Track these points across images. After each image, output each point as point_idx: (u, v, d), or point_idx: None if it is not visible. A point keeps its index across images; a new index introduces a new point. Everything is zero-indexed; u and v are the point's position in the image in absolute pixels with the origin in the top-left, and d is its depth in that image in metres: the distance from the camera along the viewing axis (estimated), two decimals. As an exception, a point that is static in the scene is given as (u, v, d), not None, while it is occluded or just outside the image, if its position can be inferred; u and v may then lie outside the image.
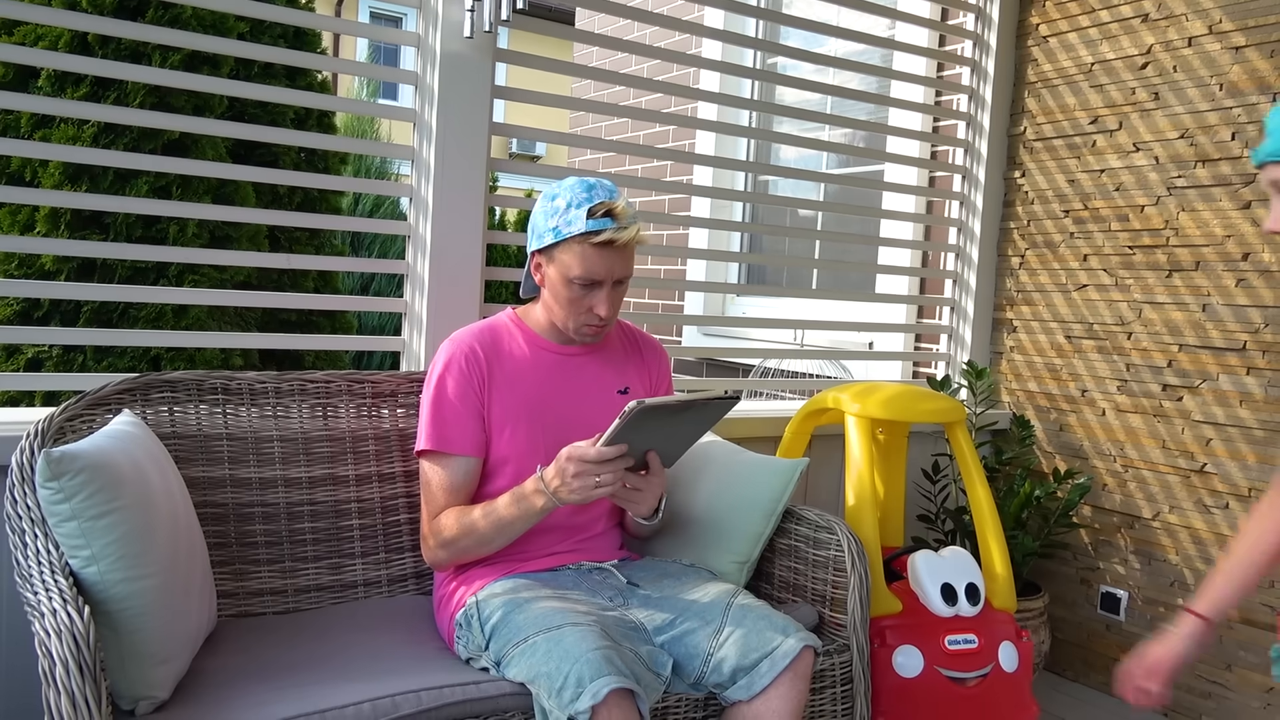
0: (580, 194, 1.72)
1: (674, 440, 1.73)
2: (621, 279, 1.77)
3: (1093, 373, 2.95)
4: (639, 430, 1.59)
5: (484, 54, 2.27)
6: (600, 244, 1.70)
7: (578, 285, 1.74)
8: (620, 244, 1.71)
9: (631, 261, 1.77)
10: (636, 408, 1.52)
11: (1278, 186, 1.34)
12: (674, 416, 1.63)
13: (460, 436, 1.77)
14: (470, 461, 1.79)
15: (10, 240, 2.02)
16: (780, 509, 1.94)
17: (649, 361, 1.98)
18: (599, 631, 1.49)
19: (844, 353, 3.24)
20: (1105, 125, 2.93)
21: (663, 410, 1.57)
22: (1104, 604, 2.89)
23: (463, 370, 1.78)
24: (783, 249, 4.34)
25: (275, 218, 2.30)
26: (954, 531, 2.84)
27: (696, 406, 1.64)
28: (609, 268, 1.73)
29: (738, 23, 4.31)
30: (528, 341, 1.86)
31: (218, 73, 3.57)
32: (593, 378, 1.88)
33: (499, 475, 1.80)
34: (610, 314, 1.77)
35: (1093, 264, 2.96)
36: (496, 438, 1.80)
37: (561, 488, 1.61)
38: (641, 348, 1.99)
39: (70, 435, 1.62)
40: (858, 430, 2.29)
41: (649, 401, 1.53)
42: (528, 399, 1.81)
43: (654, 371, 1.98)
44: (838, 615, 1.87)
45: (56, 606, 1.21)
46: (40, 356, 3.18)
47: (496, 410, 1.79)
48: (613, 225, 1.70)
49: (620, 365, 1.93)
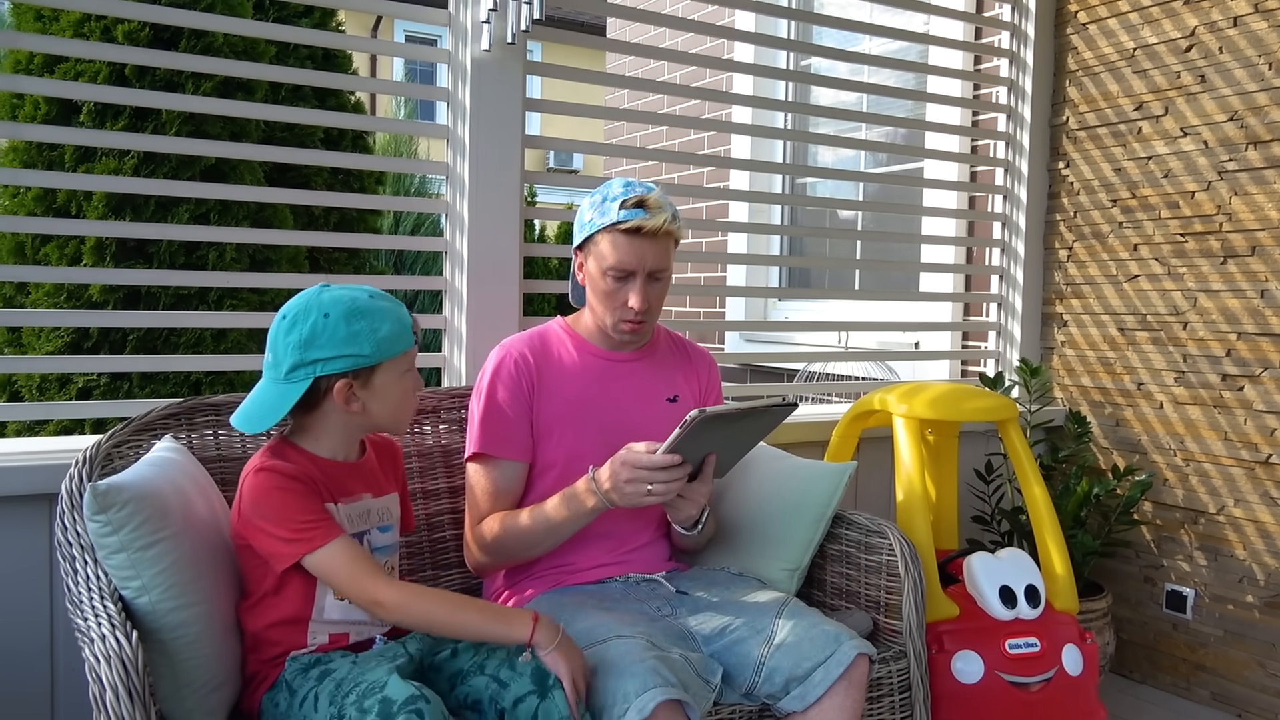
0: (618, 189, 1.75)
1: (730, 449, 1.71)
2: (656, 272, 1.75)
3: (1148, 365, 2.87)
4: (698, 439, 1.57)
5: (513, 67, 2.27)
6: (629, 231, 1.71)
7: (611, 277, 1.74)
8: (648, 231, 1.71)
9: (666, 255, 1.76)
10: (698, 417, 1.50)
11: None
12: (732, 425, 1.61)
13: (508, 441, 1.77)
14: (517, 466, 1.78)
15: (52, 271, 2.06)
16: (830, 514, 1.91)
17: (699, 370, 1.96)
18: (644, 643, 1.47)
19: (890, 354, 3.19)
20: (1150, 111, 2.85)
21: (722, 419, 1.56)
22: (1170, 602, 2.80)
23: (512, 375, 1.78)
24: (823, 251, 4.29)
25: (314, 239, 2.31)
26: (1010, 532, 2.78)
27: (755, 413, 1.62)
28: (640, 257, 1.72)
29: (770, 25, 4.28)
30: (577, 348, 1.86)
31: (252, 98, 3.61)
32: (641, 384, 1.87)
33: (543, 480, 1.79)
34: (644, 307, 1.75)
35: (1143, 254, 2.88)
36: (543, 442, 1.79)
37: (613, 490, 1.60)
38: (691, 356, 1.97)
39: (118, 461, 1.63)
40: (906, 431, 2.25)
41: (710, 410, 1.51)
42: (575, 404, 1.80)
43: (703, 380, 1.96)
44: (893, 621, 1.83)
45: (105, 632, 1.21)
46: (90, 385, 3.24)
47: (544, 415, 1.79)
48: (643, 214, 1.70)
49: (669, 374, 1.91)
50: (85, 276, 2.14)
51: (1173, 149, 2.80)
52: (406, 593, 1.39)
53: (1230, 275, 2.66)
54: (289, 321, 1.44)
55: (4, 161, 3.56)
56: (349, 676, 1.34)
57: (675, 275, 5.04)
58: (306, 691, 1.37)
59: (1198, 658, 2.74)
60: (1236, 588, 2.66)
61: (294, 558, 1.39)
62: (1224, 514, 2.68)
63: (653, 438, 1.80)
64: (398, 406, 1.51)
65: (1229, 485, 2.67)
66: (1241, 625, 2.64)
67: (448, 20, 2.26)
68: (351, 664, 1.39)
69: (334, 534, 1.40)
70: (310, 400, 1.45)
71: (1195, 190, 2.74)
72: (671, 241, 1.77)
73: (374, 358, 1.44)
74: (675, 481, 1.59)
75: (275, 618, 1.45)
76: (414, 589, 1.41)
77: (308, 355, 1.41)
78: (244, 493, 1.42)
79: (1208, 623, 2.72)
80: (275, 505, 1.39)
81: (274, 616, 1.45)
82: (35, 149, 3.41)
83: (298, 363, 1.42)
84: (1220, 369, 2.69)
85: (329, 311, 1.42)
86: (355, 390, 1.45)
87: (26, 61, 3.44)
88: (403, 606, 1.38)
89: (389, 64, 12.55)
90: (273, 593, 1.44)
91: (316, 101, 4.04)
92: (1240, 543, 2.65)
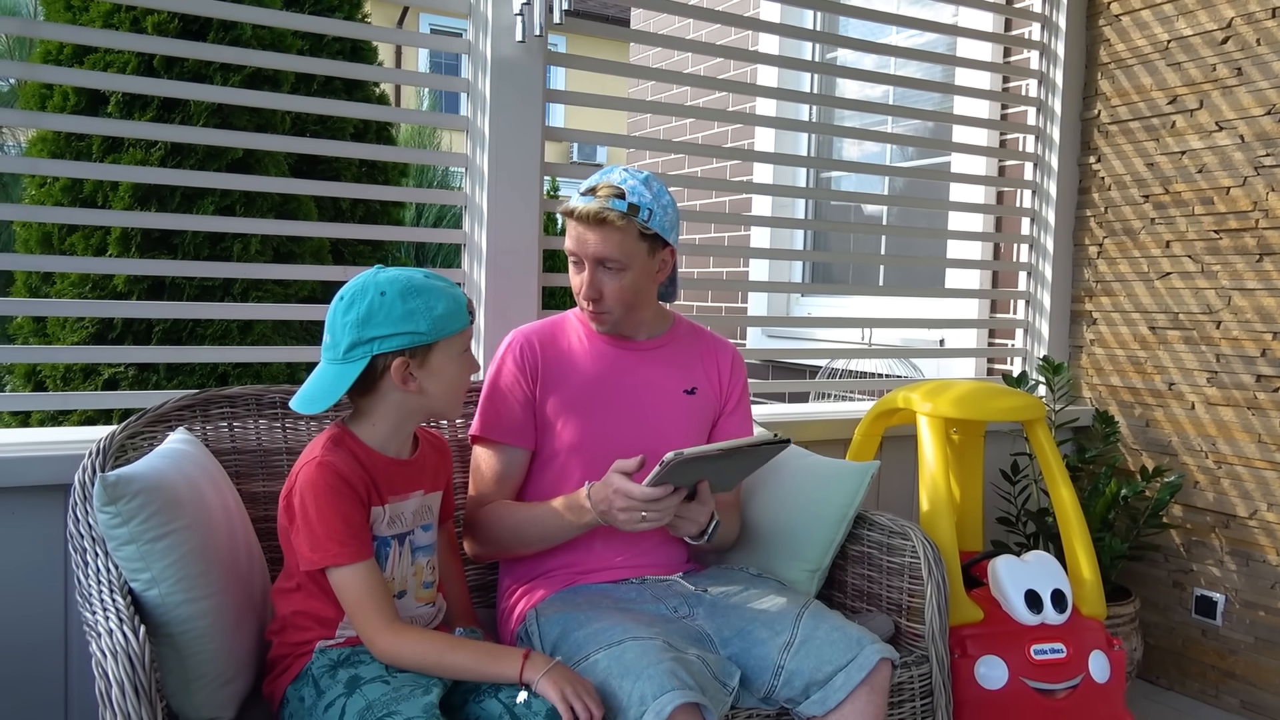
0: (593, 178, 1.72)
1: (725, 475, 1.68)
2: (604, 260, 1.68)
3: (1179, 365, 2.81)
4: (683, 473, 1.54)
5: (534, 58, 2.24)
6: (566, 214, 1.70)
7: (571, 261, 1.74)
8: (579, 215, 1.67)
9: (610, 244, 1.66)
10: (673, 460, 1.47)
11: None
12: (718, 460, 1.58)
13: (507, 426, 1.75)
14: (516, 453, 1.76)
15: (72, 260, 2.06)
16: (852, 514, 1.87)
17: (720, 361, 1.91)
18: (661, 644, 1.44)
19: (914, 351, 3.15)
20: (1184, 105, 2.79)
21: (703, 459, 1.53)
22: (1199, 608, 2.75)
23: (516, 361, 1.77)
24: (847, 246, 4.24)
25: (333, 230, 2.31)
26: (1036, 534, 2.73)
27: (742, 452, 1.59)
28: (580, 242, 1.69)
29: (795, 15, 4.23)
30: (588, 336, 1.83)
31: (279, 92, 3.61)
32: (656, 376, 1.83)
33: (549, 469, 1.77)
34: (593, 295, 1.71)
35: (1176, 250, 2.82)
36: (548, 431, 1.77)
37: (607, 514, 1.58)
38: (713, 348, 1.92)
39: (131, 453, 1.62)
40: (930, 430, 2.21)
41: (687, 453, 1.48)
42: (582, 393, 1.77)
43: (724, 371, 1.91)
44: (915, 625, 1.79)
45: (113, 627, 1.20)
46: (116, 376, 3.25)
47: (550, 403, 1.76)
48: (582, 199, 1.68)
49: (688, 365, 1.87)
50: (107, 266, 2.14)
51: (1207, 143, 2.73)
52: (401, 640, 1.38)
53: (1266, 273, 2.60)
54: (346, 302, 1.44)
55: (32, 151, 3.58)
56: (379, 700, 1.32)
57: (696, 270, 5.02)
58: (334, 698, 1.36)
59: (1227, 665, 2.68)
60: (1269, 594, 2.60)
61: (316, 565, 1.39)
62: (1256, 518, 2.62)
63: (668, 431, 1.77)
64: (453, 387, 1.51)
65: (1262, 489, 2.61)
66: (1273, 632, 2.58)
67: (468, 8, 2.24)
68: (384, 680, 1.36)
69: (361, 556, 1.39)
70: (368, 382, 1.45)
71: (1230, 186, 2.68)
72: (614, 231, 1.65)
73: (430, 335, 1.44)
74: (669, 510, 1.57)
75: (309, 605, 1.45)
76: (409, 636, 1.39)
77: (365, 333, 1.41)
78: (298, 479, 1.42)
79: (1238, 629, 2.66)
80: (321, 505, 1.39)
81: (308, 604, 1.45)
82: (64, 139, 3.43)
83: (355, 341, 1.42)
84: (1255, 369, 2.62)
85: (385, 289, 1.42)
86: (412, 369, 1.45)
87: (56, 53, 3.46)
88: (392, 652, 1.37)
89: (415, 58, 12.58)
90: (310, 580, 1.44)
91: (346, 95, 4.04)
92: (1273, 548, 2.59)
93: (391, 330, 1.42)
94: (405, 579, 1.52)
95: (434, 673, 1.38)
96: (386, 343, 1.42)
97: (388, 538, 1.48)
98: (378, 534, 1.47)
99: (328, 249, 3.89)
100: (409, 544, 1.52)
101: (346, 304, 1.44)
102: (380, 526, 1.47)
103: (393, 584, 1.49)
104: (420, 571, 1.55)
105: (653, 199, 1.69)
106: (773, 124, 2.73)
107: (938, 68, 3.61)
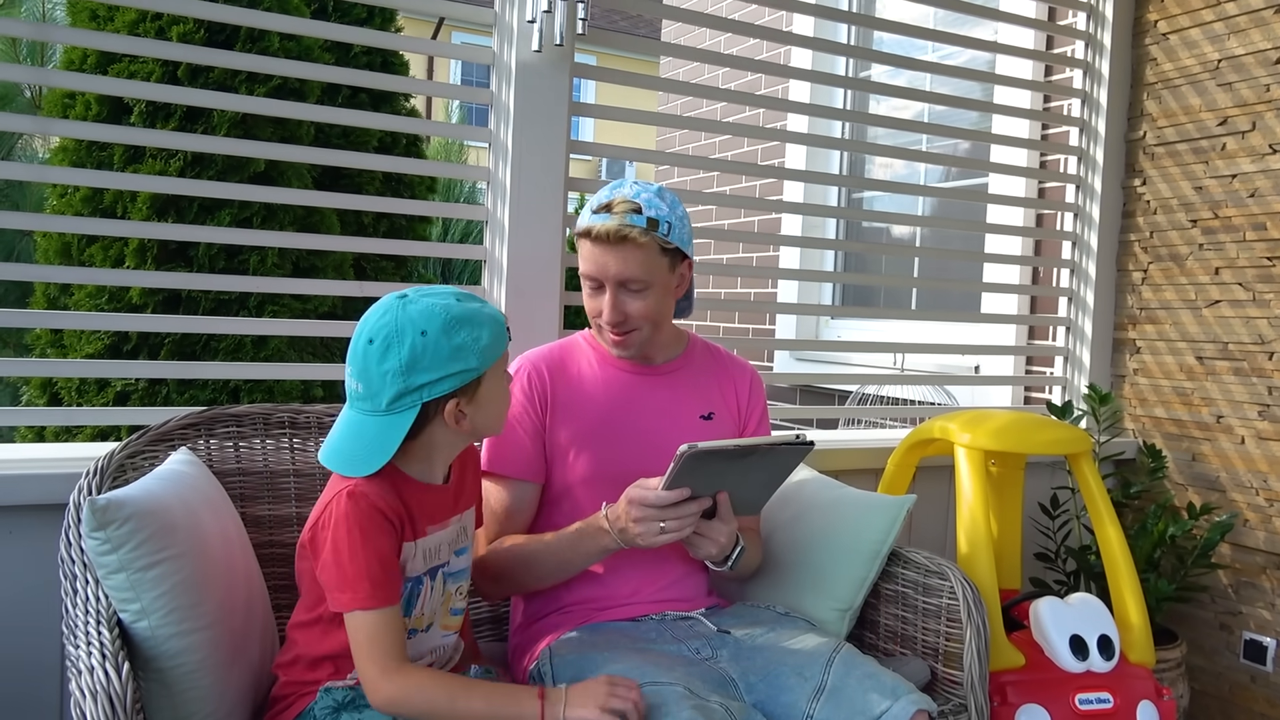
0: (603, 194, 1.63)
1: (747, 486, 1.57)
2: (626, 282, 1.60)
3: (1228, 397, 2.68)
4: (700, 474, 1.45)
5: (559, 70, 2.17)
6: (583, 235, 1.61)
7: (587, 285, 1.65)
8: (598, 235, 1.57)
9: (632, 264, 1.58)
10: (687, 451, 1.39)
11: None
12: (738, 462, 1.48)
13: (516, 459, 1.66)
14: (527, 487, 1.67)
15: (93, 273, 2.00)
16: (886, 551, 1.77)
17: (737, 383, 1.82)
18: (682, 690, 1.35)
19: (948, 377, 3.04)
20: (1235, 126, 2.68)
21: (719, 455, 1.43)
22: (1248, 652, 2.61)
23: (524, 390, 1.68)
24: (880, 268, 4.14)
25: (353, 244, 2.24)
26: (1077, 572, 2.60)
27: (760, 452, 1.49)
28: (600, 264, 1.59)
29: (829, 29, 4.15)
30: (600, 361, 1.74)
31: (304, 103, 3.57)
32: (670, 400, 1.74)
33: (563, 502, 1.68)
34: (617, 319, 1.62)
35: (1225, 278, 2.70)
36: (559, 463, 1.67)
37: (625, 530, 1.49)
38: (729, 369, 1.83)
39: (132, 473, 1.55)
40: (969, 463, 2.10)
41: (701, 446, 1.39)
42: (595, 421, 1.68)
43: (742, 394, 1.82)
44: (953, 671, 1.68)
45: (94, 664, 1.12)
46: (127, 390, 3.20)
47: (561, 433, 1.67)
48: (598, 217, 1.58)
49: (703, 388, 1.78)
50: (119, 279, 2.09)
51: (1260, 166, 2.62)
52: (409, 683, 1.25)
53: (1323, 303, 2.48)
54: (380, 346, 1.28)
55: (54, 160, 3.56)
56: None
57: (724, 291, 4.93)
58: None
59: (1277, 713, 2.54)
60: (1324, 640, 2.46)
61: (346, 607, 1.27)
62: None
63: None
64: (501, 410, 1.42)
65: (1318, 529, 2.48)
66: (1329, 681, 2.45)
67: (493, 19, 2.18)
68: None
69: (389, 601, 1.28)
70: (415, 426, 1.32)
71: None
72: (636, 249, 1.57)
73: (480, 369, 1.33)
74: (688, 518, 1.47)
75: (329, 644, 1.34)
76: (415, 681, 1.26)
77: (412, 381, 1.28)
78: (330, 509, 1.30)
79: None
80: (354, 542, 1.27)
81: (327, 644, 1.34)
82: (85, 149, 3.40)
83: (402, 391, 1.28)
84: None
85: (425, 328, 1.28)
86: (463, 406, 1.34)
87: (80, 62, 3.43)
88: (399, 698, 1.25)
89: (446, 72, 12.62)
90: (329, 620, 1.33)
91: (373, 109, 4.00)
92: (1329, 592, 2.46)
93: (441, 373, 1.29)
94: (434, 612, 1.41)
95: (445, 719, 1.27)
96: (436, 388, 1.29)
97: (420, 576, 1.37)
98: (409, 574, 1.34)
99: (350, 263, 3.84)
100: (440, 575, 1.41)
101: (381, 349, 1.28)
102: (415, 565, 1.35)
103: (421, 619, 1.38)
104: (449, 599, 1.43)
105: (669, 211, 1.61)
106: (805, 140, 2.65)
107: (976, 85, 3.52)
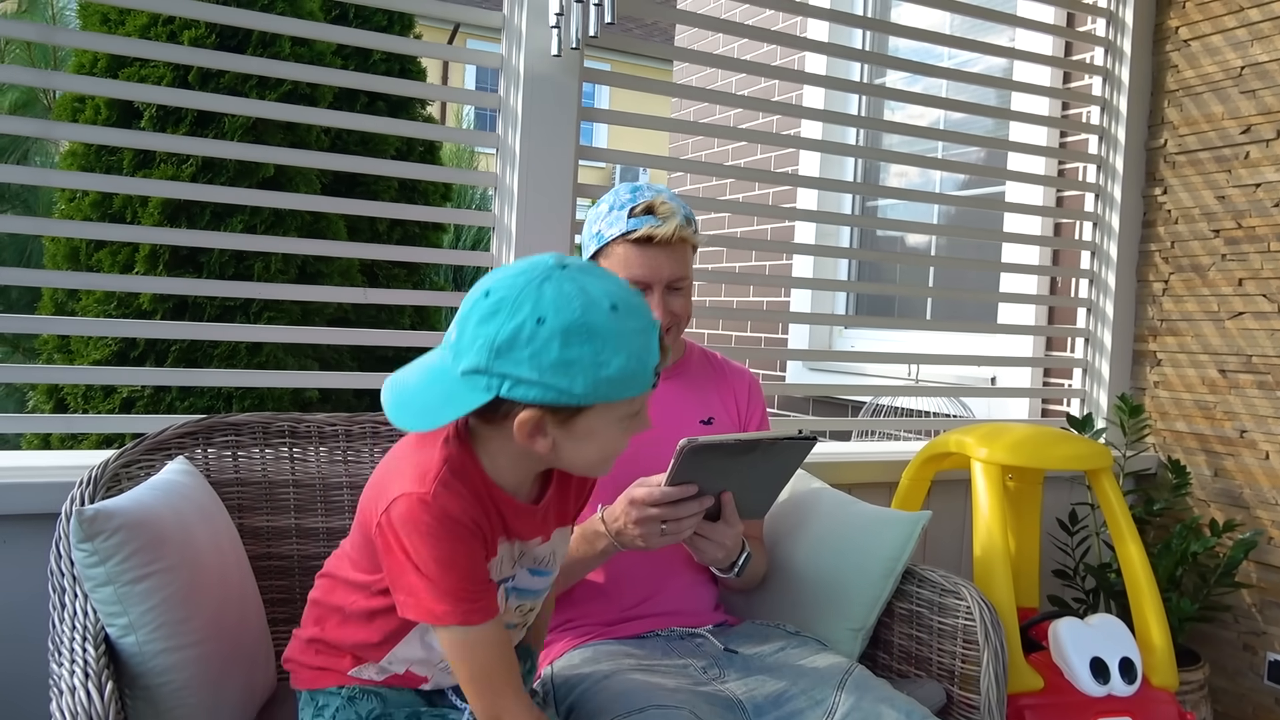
0: (624, 196, 1.62)
1: (752, 485, 1.53)
2: (674, 282, 1.62)
3: (1252, 411, 2.62)
4: (702, 471, 1.41)
5: (569, 74, 2.14)
6: (639, 241, 1.58)
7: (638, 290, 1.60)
8: (660, 239, 1.58)
9: (683, 263, 1.63)
10: (687, 445, 1.35)
11: None
12: (741, 458, 1.44)
13: None
14: None
15: (100, 278, 1.98)
16: (900, 568, 1.72)
17: (736, 387, 1.80)
18: (687, 714, 1.30)
19: (964, 389, 2.98)
20: (1259, 134, 2.62)
21: (721, 450, 1.39)
22: (1272, 674, 2.54)
23: None
24: (895, 277, 4.08)
25: (359, 250, 2.22)
26: (1096, 590, 2.54)
27: (763, 447, 1.45)
28: (654, 268, 1.59)
29: (844, 35, 4.10)
30: None
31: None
32: (670, 406, 1.69)
33: None
34: (673, 319, 1.64)
35: (1249, 289, 2.64)
36: None
37: (624, 533, 1.45)
38: (727, 375, 1.81)
39: (126, 483, 1.52)
40: (986, 478, 2.04)
41: (701, 440, 1.36)
42: None
43: (741, 398, 1.79)
44: (969, 694, 1.63)
45: (76, 684, 1.08)
46: (133, 396, 3.17)
47: None
48: (653, 221, 1.58)
49: (702, 393, 1.76)
50: (124, 284, 2.08)
51: (1286, 176, 2.56)
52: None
53: (1351, 316, 2.41)
54: (490, 304, 1.06)
55: (64, 164, 3.55)
56: None
57: (735, 299, 4.88)
58: None
59: (1304, 737, 2.47)
60: (1352, 663, 2.39)
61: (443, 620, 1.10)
62: (1339, 580, 2.42)
63: None
64: (600, 456, 1.15)
65: (1345, 548, 2.41)
66: (1357, 705, 2.37)
67: (502, 22, 2.14)
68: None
69: (489, 615, 1.12)
70: (489, 411, 1.09)
71: (1312, 221, 2.50)
72: (688, 249, 1.64)
73: (585, 399, 1.07)
74: (690, 518, 1.44)
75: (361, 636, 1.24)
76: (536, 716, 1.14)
77: (496, 365, 1.05)
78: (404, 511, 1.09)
79: (1317, 700, 2.45)
80: (442, 553, 1.09)
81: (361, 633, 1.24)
82: (94, 153, 3.38)
83: (480, 368, 1.06)
84: (1337, 419, 2.43)
85: (544, 316, 1.04)
86: (548, 428, 1.09)
87: (90, 66, 3.42)
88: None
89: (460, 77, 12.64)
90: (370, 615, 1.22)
91: (390, 114, 3.97)
92: (1357, 613, 2.39)
93: (534, 376, 1.05)
94: None
95: None
96: (520, 389, 1.05)
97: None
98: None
99: (357, 269, 3.81)
100: (504, 588, 1.23)
101: (490, 308, 1.06)
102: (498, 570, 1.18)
103: None
104: (508, 614, 1.25)
105: (688, 207, 1.67)
106: (819, 147, 2.60)
107: (993, 92, 3.46)
